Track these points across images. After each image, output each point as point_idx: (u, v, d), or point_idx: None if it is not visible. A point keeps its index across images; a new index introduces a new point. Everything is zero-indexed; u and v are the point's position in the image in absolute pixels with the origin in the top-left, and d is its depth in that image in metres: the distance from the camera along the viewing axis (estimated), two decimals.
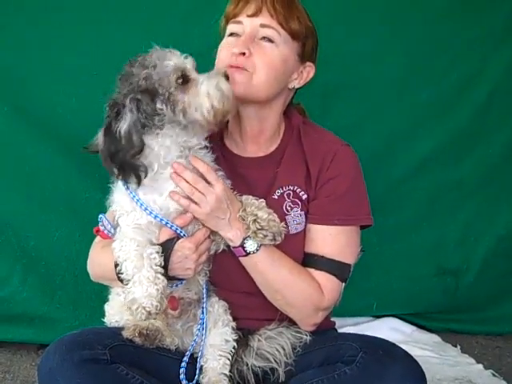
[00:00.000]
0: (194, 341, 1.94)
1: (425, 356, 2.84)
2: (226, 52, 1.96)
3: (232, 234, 1.88)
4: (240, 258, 1.92)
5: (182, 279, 1.90)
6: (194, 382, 1.92)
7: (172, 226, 1.84)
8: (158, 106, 1.76)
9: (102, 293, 2.20)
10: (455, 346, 3.05)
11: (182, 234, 1.86)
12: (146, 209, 1.81)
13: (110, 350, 1.76)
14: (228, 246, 1.94)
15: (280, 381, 1.94)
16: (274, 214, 1.87)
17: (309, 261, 1.99)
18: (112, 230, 1.93)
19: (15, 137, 2.82)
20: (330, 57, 2.05)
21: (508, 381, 2.66)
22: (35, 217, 2.87)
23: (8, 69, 2.77)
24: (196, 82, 1.79)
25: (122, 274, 1.79)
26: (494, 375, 2.73)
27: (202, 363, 1.95)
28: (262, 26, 1.93)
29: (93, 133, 2.28)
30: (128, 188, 1.82)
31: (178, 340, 1.96)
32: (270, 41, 1.94)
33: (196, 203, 1.84)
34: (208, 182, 1.85)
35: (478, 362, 2.87)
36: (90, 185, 2.83)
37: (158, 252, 1.79)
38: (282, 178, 2.03)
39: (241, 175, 2.02)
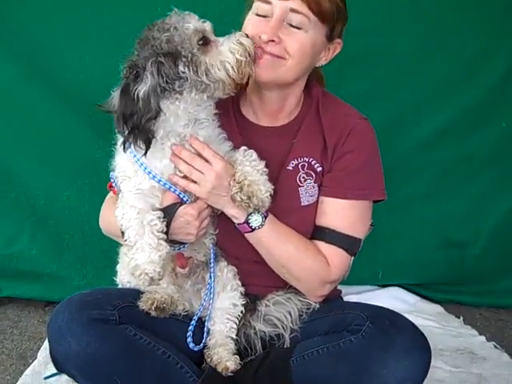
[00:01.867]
0: (202, 305, 1.96)
1: (427, 326, 2.84)
2: (253, 32, 1.87)
3: (236, 211, 1.88)
4: (245, 234, 1.92)
5: (185, 243, 1.91)
6: (202, 345, 1.94)
7: (175, 190, 1.84)
8: (181, 68, 1.73)
9: (109, 253, 2.22)
10: (458, 318, 3.06)
11: (185, 199, 1.86)
12: (149, 172, 1.80)
13: (118, 311, 1.78)
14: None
15: (285, 347, 1.96)
16: (261, 183, 1.83)
17: (319, 233, 1.99)
18: None
19: (27, 98, 2.82)
20: (347, 26, 2.00)
21: (510, 353, 2.67)
22: (45, 176, 2.89)
23: (20, 29, 2.75)
24: (216, 43, 1.78)
25: (126, 240, 1.79)
26: (495, 347, 2.74)
27: (210, 326, 1.97)
28: (292, 10, 1.85)
29: (105, 93, 2.27)
30: (131, 152, 1.80)
31: (188, 304, 1.97)
32: (299, 27, 1.87)
33: (195, 182, 1.84)
34: (206, 161, 1.83)
35: (480, 334, 2.88)
36: (102, 145, 2.81)
37: (159, 218, 1.79)
38: (297, 150, 2.01)
39: (255, 144, 1.98)
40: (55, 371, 2.10)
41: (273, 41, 1.85)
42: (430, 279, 3.24)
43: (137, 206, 1.78)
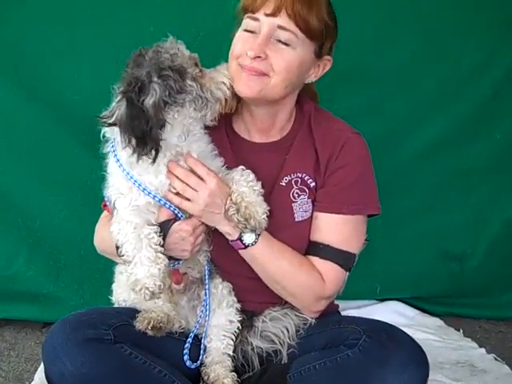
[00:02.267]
0: (198, 322, 1.95)
1: (427, 339, 2.84)
2: (240, 48, 1.90)
3: (229, 228, 1.88)
4: (239, 251, 1.92)
5: (179, 259, 1.91)
6: (198, 362, 1.93)
7: (170, 206, 1.84)
8: (189, 82, 1.77)
9: (106, 272, 2.21)
10: (458, 330, 3.05)
11: (179, 216, 1.86)
12: (144, 189, 1.80)
13: (113, 330, 1.77)
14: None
15: (283, 362, 1.95)
16: (258, 204, 1.84)
17: (314, 249, 1.99)
18: None
19: (23, 119, 2.83)
20: (339, 41, 2.01)
21: (510, 365, 2.66)
22: (41, 196, 2.89)
23: (13, 48, 2.76)
24: (205, 71, 1.85)
25: (123, 256, 1.79)
26: (496, 359, 2.73)
27: (206, 343, 1.96)
28: (280, 27, 1.86)
29: (100, 112, 2.29)
30: (124, 169, 1.81)
31: (184, 321, 1.97)
32: (287, 44, 1.87)
33: (189, 200, 1.84)
34: (201, 178, 1.84)
35: (480, 346, 2.87)
36: (97, 165, 2.79)
37: (155, 232, 1.79)
38: (290, 165, 2.02)
39: (247, 160, 1.99)
40: None
41: (259, 57, 1.86)
42: (428, 292, 3.23)
43: (133, 220, 1.79)
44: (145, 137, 1.72)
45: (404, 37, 2.99)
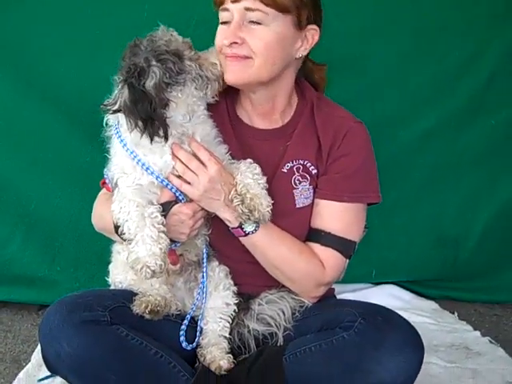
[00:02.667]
0: (194, 304, 1.96)
1: (422, 323, 2.86)
2: (219, 40, 1.90)
3: (229, 215, 1.88)
4: (239, 238, 1.93)
5: (177, 242, 1.91)
6: (194, 344, 1.94)
7: (172, 188, 1.84)
8: (187, 62, 1.79)
9: (101, 256, 2.21)
10: (453, 313, 3.07)
11: (180, 198, 1.86)
12: (147, 168, 1.80)
13: (110, 312, 1.77)
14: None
15: (278, 345, 1.95)
16: (263, 197, 1.84)
17: (315, 236, 2.00)
18: None
19: (18, 103, 2.82)
20: (333, 30, 2.00)
21: (505, 348, 2.67)
22: (37, 180, 2.88)
23: (10, 36, 2.76)
24: (199, 53, 1.87)
25: (123, 234, 1.79)
26: (490, 342, 2.74)
27: (202, 325, 1.97)
28: (247, 9, 1.85)
29: (94, 97, 2.28)
30: (128, 149, 1.81)
31: (180, 303, 1.97)
32: (259, 23, 1.86)
33: (189, 184, 1.84)
34: (203, 163, 1.84)
35: (475, 329, 2.88)
36: (92, 148, 2.82)
37: (158, 211, 1.79)
38: (292, 152, 2.01)
39: (249, 146, 2.00)
40: (49, 373, 2.10)
41: (235, 43, 1.86)
42: (424, 276, 3.24)
43: (136, 199, 1.78)
44: (150, 118, 1.73)
45: (395, 30, 2.99)
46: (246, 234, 1.90)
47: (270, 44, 1.87)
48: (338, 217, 1.99)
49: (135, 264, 1.74)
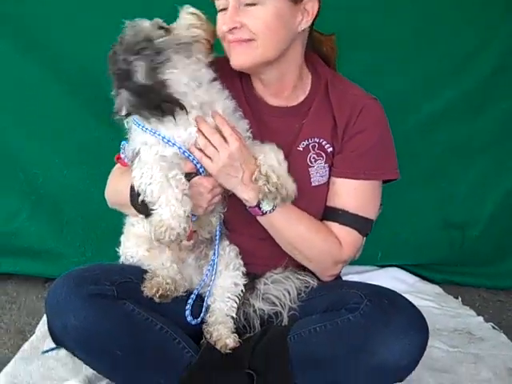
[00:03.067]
0: (203, 280, 1.96)
1: (426, 306, 2.85)
2: (220, 28, 1.88)
3: (247, 194, 1.87)
4: (257, 217, 1.93)
5: (193, 215, 1.89)
6: (199, 319, 1.95)
7: (194, 159, 1.83)
8: (159, 40, 1.76)
9: (108, 231, 2.22)
10: (456, 298, 3.07)
11: (201, 171, 1.85)
12: (168, 141, 1.79)
13: (116, 286, 1.78)
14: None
15: (283, 325, 1.96)
16: (288, 176, 1.84)
17: (332, 215, 1.99)
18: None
19: (26, 78, 2.81)
20: (342, 8, 1.96)
21: (508, 334, 2.67)
22: (44, 154, 2.89)
23: (19, 9, 2.75)
24: (172, 26, 1.84)
25: (141, 203, 1.78)
26: (493, 328, 2.74)
27: (210, 303, 1.97)
28: None
29: (100, 72, 2.26)
30: (147, 129, 1.80)
31: (188, 280, 1.98)
32: (254, 4, 1.83)
33: (209, 158, 1.83)
34: (224, 139, 1.83)
35: (478, 315, 2.88)
36: (101, 124, 2.82)
37: (182, 173, 1.78)
38: (307, 130, 2.00)
39: (266, 123, 1.99)
40: (53, 346, 2.12)
41: (235, 28, 1.84)
42: (429, 260, 3.25)
43: (159, 163, 1.77)
44: (160, 104, 1.73)
45: (407, 7, 2.96)
46: (264, 214, 1.90)
47: (270, 22, 1.85)
48: (355, 195, 1.98)
49: (158, 226, 1.71)
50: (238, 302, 1.97)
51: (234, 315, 1.97)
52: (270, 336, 1.92)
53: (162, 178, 1.74)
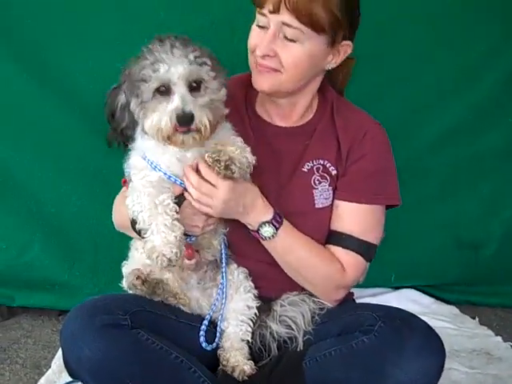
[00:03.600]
0: (214, 305, 1.96)
1: (443, 327, 2.83)
2: (252, 43, 1.91)
3: (250, 221, 1.90)
4: (261, 241, 1.94)
5: (191, 235, 1.91)
6: (214, 344, 1.94)
7: (181, 183, 1.85)
8: (132, 106, 1.78)
9: (120, 261, 2.21)
10: (474, 318, 3.04)
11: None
12: (155, 167, 1.82)
13: (130, 316, 1.77)
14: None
15: (298, 349, 1.94)
16: (240, 149, 1.79)
17: (336, 239, 2.00)
18: None
19: (37, 107, 2.82)
20: None
21: None
22: (56, 185, 2.90)
23: (21, 28, 2.75)
24: (173, 96, 1.77)
25: (139, 229, 1.80)
26: None
27: (223, 327, 1.97)
28: (284, 24, 1.85)
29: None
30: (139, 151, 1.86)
31: (195, 302, 1.98)
32: (294, 40, 1.86)
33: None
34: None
35: (496, 335, 2.86)
36: (111, 153, 2.80)
37: (170, 197, 1.80)
38: (312, 152, 2.02)
39: (269, 143, 2.02)
40: (69, 380, 2.09)
41: (268, 55, 1.87)
42: (443, 280, 3.22)
43: (146, 190, 1.79)
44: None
45: (416, 21, 2.97)
46: (264, 239, 1.91)
47: (301, 62, 1.89)
48: (359, 219, 1.99)
49: (151, 253, 1.75)
50: (252, 325, 1.97)
51: (250, 339, 1.96)
52: (286, 361, 1.91)
53: (150, 205, 1.77)
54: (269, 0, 1.85)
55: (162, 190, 1.81)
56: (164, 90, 1.73)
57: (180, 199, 1.85)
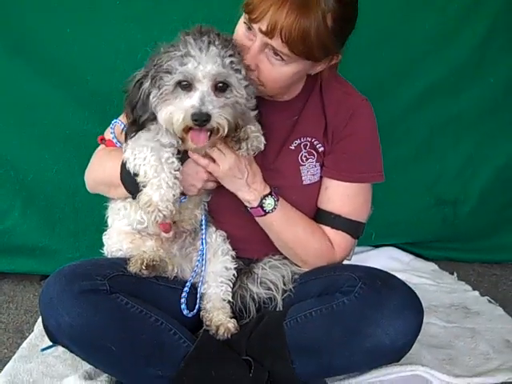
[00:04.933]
0: (194, 271, 1.97)
1: (422, 284, 2.89)
2: (241, 43, 1.82)
3: (249, 195, 1.90)
4: (257, 218, 1.94)
5: (184, 196, 1.90)
6: (195, 311, 1.95)
7: None
8: (153, 93, 1.76)
9: (101, 224, 2.21)
10: (452, 274, 3.09)
11: None
12: None
13: (109, 281, 1.78)
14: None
15: (278, 309, 1.97)
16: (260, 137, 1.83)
17: (325, 219, 2.02)
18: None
19: (13, 72, 2.76)
20: None
21: (504, 307, 2.70)
22: (33, 150, 2.85)
23: (4, 4, 2.69)
24: (193, 92, 1.75)
25: (132, 182, 1.80)
26: (489, 301, 2.77)
27: (203, 291, 1.98)
28: (272, 48, 1.78)
29: (90, 65, 2.19)
30: None
31: (178, 267, 1.98)
32: (281, 59, 1.80)
33: (214, 162, 1.83)
34: None
35: (474, 289, 2.91)
36: (89, 117, 2.80)
37: (173, 154, 1.79)
38: (300, 128, 2.01)
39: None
40: (51, 343, 2.12)
41: (250, 69, 1.81)
42: (422, 238, 3.26)
43: (149, 145, 1.79)
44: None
45: None
46: (265, 213, 1.92)
47: (281, 79, 1.86)
48: (348, 200, 2.01)
49: (147, 206, 1.76)
50: (231, 285, 1.99)
51: (231, 299, 1.98)
52: (266, 322, 1.93)
53: (155, 162, 1.76)
54: (263, 19, 1.74)
55: (167, 146, 1.80)
56: (186, 85, 1.71)
57: (184, 156, 1.84)
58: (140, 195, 1.78)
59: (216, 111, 1.69)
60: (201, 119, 1.67)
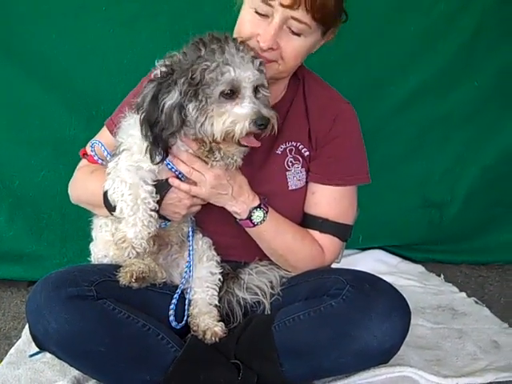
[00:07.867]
0: (182, 283, 1.97)
1: (409, 286, 2.90)
2: (249, 31, 1.83)
3: (238, 208, 1.89)
4: (246, 229, 1.94)
5: (169, 220, 1.90)
6: (183, 322, 1.94)
7: (172, 167, 1.83)
8: (192, 106, 1.72)
9: (88, 230, 2.20)
10: (439, 276, 3.10)
11: (180, 176, 1.85)
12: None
13: (96, 287, 1.78)
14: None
15: (266, 313, 1.98)
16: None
17: (313, 223, 2.02)
18: (108, 157, 1.91)
19: (0, 76, 2.76)
20: None
21: (490, 308, 2.71)
22: (20, 156, 2.85)
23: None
24: (241, 100, 1.74)
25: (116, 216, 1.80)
26: (476, 303, 2.78)
27: (190, 297, 1.98)
28: (294, 19, 1.79)
29: (77, 70, 2.16)
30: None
31: (167, 274, 1.98)
32: (298, 34, 1.82)
33: (195, 184, 1.83)
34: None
35: (461, 291, 2.92)
36: (76, 122, 2.79)
37: (151, 194, 1.79)
38: (286, 134, 2.00)
39: None
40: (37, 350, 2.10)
41: (271, 48, 1.82)
42: (409, 240, 3.28)
43: (127, 181, 1.78)
44: (157, 138, 1.73)
45: None
46: (255, 225, 1.92)
47: (301, 54, 1.89)
48: (334, 203, 2.01)
49: (121, 242, 1.76)
50: (217, 290, 1.99)
51: (217, 303, 1.98)
52: (255, 325, 1.93)
53: (131, 201, 1.76)
54: None
55: (145, 175, 1.80)
56: (229, 93, 1.70)
57: (165, 185, 1.83)
58: (115, 232, 1.81)
59: (272, 113, 1.73)
60: (266, 123, 1.70)
